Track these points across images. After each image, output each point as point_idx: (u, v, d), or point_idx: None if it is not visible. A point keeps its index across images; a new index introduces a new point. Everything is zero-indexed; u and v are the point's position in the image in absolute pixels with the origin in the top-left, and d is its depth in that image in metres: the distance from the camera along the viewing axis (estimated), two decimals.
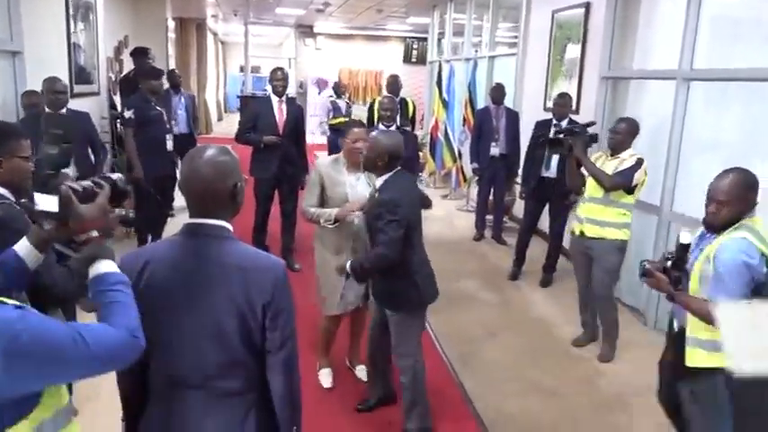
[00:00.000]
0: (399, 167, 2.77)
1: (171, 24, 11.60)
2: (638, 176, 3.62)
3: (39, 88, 4.26)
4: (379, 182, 2.77)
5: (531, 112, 6.18)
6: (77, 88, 5.36)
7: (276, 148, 4.91)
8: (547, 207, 5.14)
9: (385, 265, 2.69)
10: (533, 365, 3.84)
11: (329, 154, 6.70)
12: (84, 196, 1.37)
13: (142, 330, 1.25)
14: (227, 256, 1.48)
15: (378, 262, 2.70)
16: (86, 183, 1.41)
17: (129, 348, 1.22)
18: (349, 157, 3.14)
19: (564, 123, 4.78)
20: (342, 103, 8.64)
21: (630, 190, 3.67)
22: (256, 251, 1.57)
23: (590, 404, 3.44)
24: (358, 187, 3.14)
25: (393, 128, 4.46)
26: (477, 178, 6.52)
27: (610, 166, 3.72)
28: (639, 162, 3.63)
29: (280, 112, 5.00)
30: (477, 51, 7.92)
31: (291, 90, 14.85)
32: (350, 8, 11.38)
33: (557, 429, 3.19)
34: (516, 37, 7.14)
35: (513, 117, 6.12)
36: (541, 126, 5.03)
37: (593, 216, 3.78)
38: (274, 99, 5.02)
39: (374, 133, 2.89)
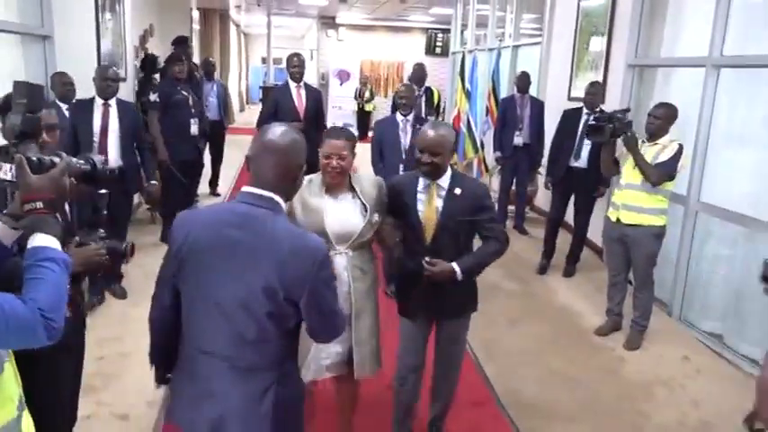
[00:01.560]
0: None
1: (195, 15, 11.67)
2: (680, 164, 3.63)
3: (70, 74, 4.33)
4: (443, 181, 2.44)
5: (555, 102, 6.11)
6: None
7: None
8: (572, 198, 5.06)
9: (504, 249, 2.51)
10: (555, 353, 3.82)
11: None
12: (39, 167, 1.31)
13: (61, 315, 1.18)
14: (276, 231, 1.49)
15: (495, 258, 2.49)
16: (49, 157, 1.36)
17: (32, 329, 1.13)
18: (325, 177, 2.31)
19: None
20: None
21: (672, 177, 3.66)
22: (303, 232, 1.59)
23: (611, 392, 3.42)
24: (340, 214, 2.30)
25: (411, 116, 4.34)
26: (499, 168, 6.46)
27: (650, 153, 3.68)
28: (681, 149, 3.61)
29: (299, 97, 5.07)
30: (500, 41, 7.85)
31: (314, 81, 14.94)
32: None
33: (577, 415, 3.18)
34: (540, 27, 7.07)
35: (538, 106, 6.03)
36: (570, 115, 4.96)
37: (632, 203, 3.73)
38: (292, 85, 5.11)
39: (427, 129, 2.40)
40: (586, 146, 4.71)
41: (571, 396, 3.36)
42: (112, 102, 4.07)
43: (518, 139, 6.03)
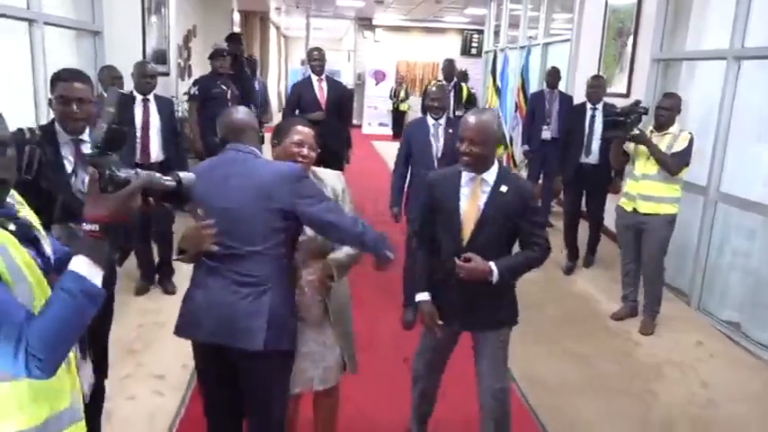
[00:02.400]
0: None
1: (236, 17, 12.08)
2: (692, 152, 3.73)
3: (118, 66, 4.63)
4: (488, 176, 2.24)
5: (584, 98, 6.18)
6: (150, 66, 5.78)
7: (318, 123, 5.06)
8: (584, 193, 5.06)
9: (540, 264, 2.34)
10: (570, 335, 3.94)
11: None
12: (110, 185, 1.19)
13: (55, 357, 1.09)
14: (257, 164, 1.98)
15: (536, 266, 2.31)
16: (126, 172, 1.23)
17: (7, 352, 1.05)
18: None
19: (599, 106, 4.80)
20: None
21: (688, 164, 3.77)
22: (277, 162, 2.07)
23: (623, 372, 3.53)
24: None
25: (443, 120, 3.84)
26: (526, 161, 6.55)
27: (663, 143, 3.76)
28: (692, 138, 3.73)
29: (320, 90, 5.22)
30: (530, 39, 7.96)
31: (350, 82, 15.23)
32: None
33: (586, 391, 3.30)
34: (570, 25, 7.15)
35: (567, 101, 6.06)
36: (576, 111, 5.00)
37: (649, 192, 3.81)
38: (314, 78, 5.26)
39: (468, 116, 2.24)
40: (596, 141, 4.74)
41: (582, 374, 3.48)
42: (151, 97, 4.13)
43: (546, 134, 6.10)
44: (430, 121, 3.86)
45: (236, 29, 12.18)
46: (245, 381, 1.93)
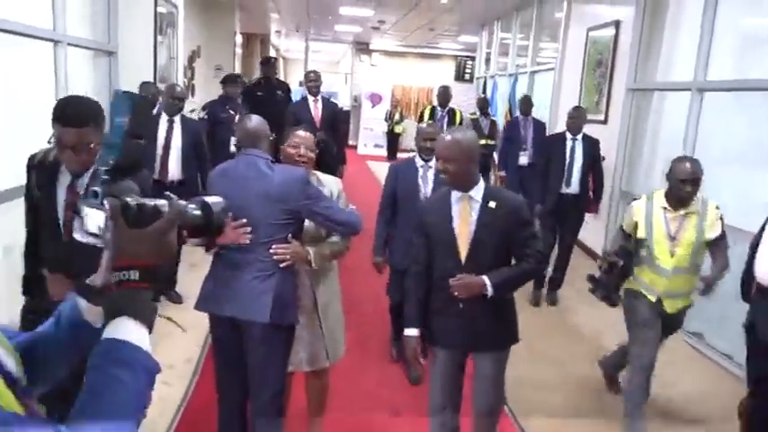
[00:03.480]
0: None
1: (238, 39, 12.53)
2: None
3: (129, 87, 4.94)
4: (475, 193, 2.28)
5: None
6: (160, 85, 6.13)
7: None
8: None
9: (535, 277, 2.50)
10: (545, 341, 4.26)
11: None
12: (139, 218, 0.91)
13: None
14: (269, 169, 2.27)
15: (530, 278, 2.45)
16: (153, 201, 0.94)
17: None
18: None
19: (579, 137, 4.74)
20: (485, 122, 7.24)
21: None
22: (287, 167, 2.34)
23: (591, 372, 3.83)
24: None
25: (434, 162, 3.24)
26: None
27: (688, 226, 2.97)
28: (720, 211, 3.05)
29: (315, 109, 5.56)
30: (517, 67, 8.39)
31: (347, 104, 15.67)
32: (403, 26, 12.06)
33: (557, 388, 3.62)
34: (556, 54, 7.59)
35: (539, 128, 6.34)
36: (556, 141, 4.89)
37: (679, 289, 3.05)
38: (310, 99, 5.60)
39: (443, 135, 2.39)
40: (576, 172, 4.73)
41: (555, 373, 3.80)
42: (177, 118, 4.29)
43: (523, 159, 6.30)
44: (419, 162, 3.45)
45: (238, 50, 12.62)
46: (250, 350, 2.26)
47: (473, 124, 7.22)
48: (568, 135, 4.80)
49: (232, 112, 5.57)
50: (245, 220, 2.18)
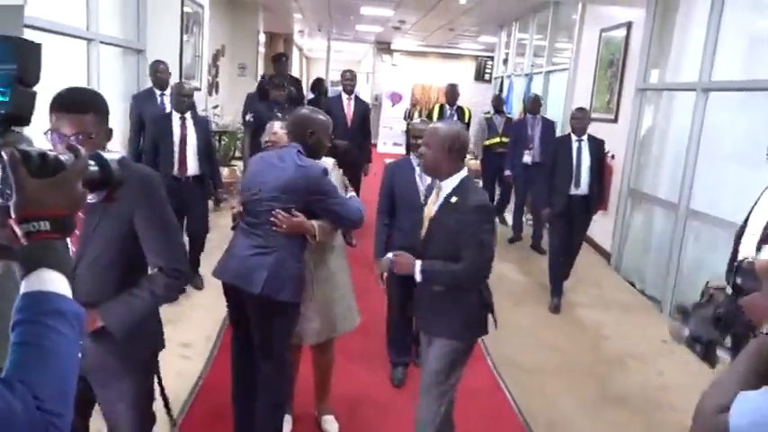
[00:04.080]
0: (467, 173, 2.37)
1: (262, 38, 12.83)
2: None
3: (148, 83, 5.16)
4: (447, 184, 2.33)
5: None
6: (184, 81, 6.41)
7: (342, 135, 5.43)
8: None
9: (469, 286, 2.33)
10: (547, 328, 4.43)
11: (483, 182, 7.10)
12: (42, 168, 0.85)
13: (69, 398, 0.79)
14: (292, 160, 2.44)
15: (464, 281, 2.29)
16: (54, 150, 0.91)
17: (23, 430, 0.72)
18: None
19: (584, 138, 4.74)
20: (499, 120, 7.25)
21: None
22: (312, 163, 2.45)
23: (590, 359, 4.01)
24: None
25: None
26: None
27: None
28: None
29: (348, 107, 5.86)
30: (532, 67, 8.51)
31: (368, 102, 15.90)
32: (424, 26, 12.23)
33: (554, 372, 3.78)
34: (570, 54, 7.71)
35: (548, 126, 6.36)
36: (562, 143, 4.86)
37: None
38: (344, 97, 5.88)
39: (432, 124, 2.53)
40: (584, 173, 4.69)
41: (553, 359, 3.96)
42: (188, 115, 4.35)
43: (527, 158, 6.35)
44: (415, 160, 3.31)
45: (262, 49, 12.92)
46: (251, 318, 2.50)
47: (486, 123, 7.29)
48: (573, 137, 4.75)
49: (279, 116, 5.67)
50: (258, 189, 2.45)
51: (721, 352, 2.54)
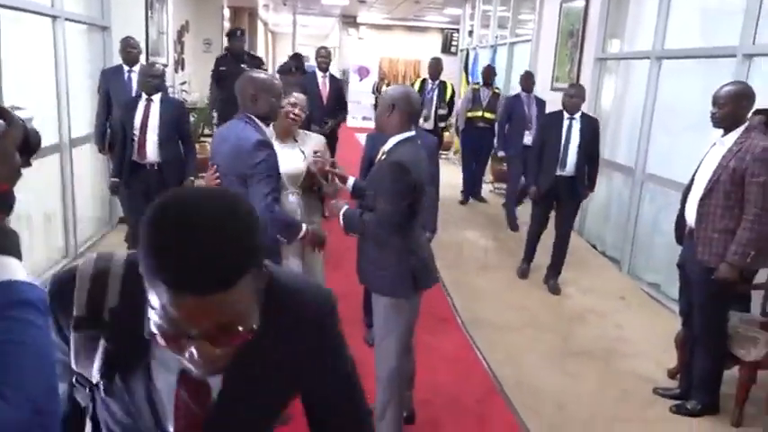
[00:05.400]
0: (414, 133, 2.45)
1: (226, 13, 12.67)
2: None
3: (120, 61, 5.16)
4: (388, 145, 2.44)
5: (542, 94, 6.87)
6: (151, 59, 6.38)
7: (318, 114, 5.41)
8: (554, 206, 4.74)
9: (374, 239, 2.44)
10: (512, 291, 4.66)
11: (463, 157, 7.19)
12: None
13: (57, 393, 0.74)
14: (237, 131, 2.48)
15: (369, 230, 2.42)
16: None
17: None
18: (280, 123, 2.77)
19: (577, 116, 4.47)
20: (486, 93, 7.01)
21: None
22: (254, 131, 2.44)
23: (552, 316, 4.26)
24: (289, 159, 2.74)
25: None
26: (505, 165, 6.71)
27: None
28: None
29: (323, 85, 5.77)
30: (497, 39, 8.65)
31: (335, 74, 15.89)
32: None
33: (519, 329, 4.02)
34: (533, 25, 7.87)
35: (541, 106, 6.12)
36: (552, 121, 4.65)
37: None
38: (319, 74, 5.80)
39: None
40: (572, 153, 4.48)
41: (517, 317, 4.20)
42: (155, 98, 4.07)
43: (528, 139, 5.97)
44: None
45: (227, 24, 12.77)
46: None
47: (472, 95, 7.03)
48: (565, 114, 4.51)
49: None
50: (215, 167, 2.55)
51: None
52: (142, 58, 5.20)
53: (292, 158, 2.78)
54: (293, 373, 0.94)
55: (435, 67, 6.79)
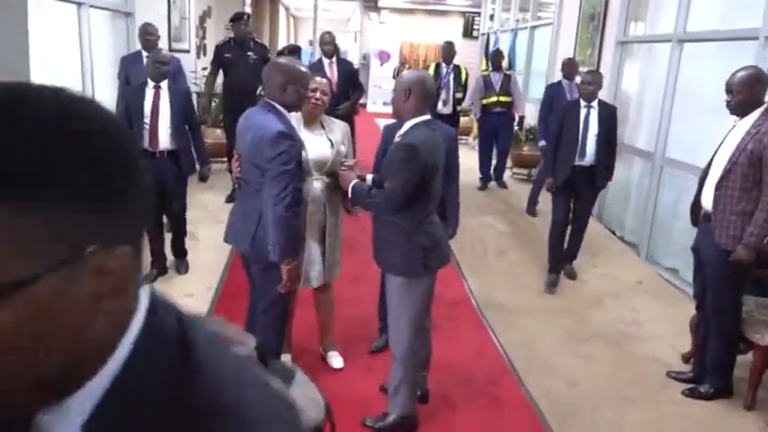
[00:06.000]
0: (430, 117, 2.51)
1: None
2: None
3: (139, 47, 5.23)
4: (404, 128, 2.49)
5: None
6: (174, 45, 6.48)
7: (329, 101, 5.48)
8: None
9: (379, 213, 2.55)
10: (528, 274, 4.68)
11: (480, 141, 7.17)
12: None
13: None
14: (258, 118, 2.51)
15: (374, 207, 2.53)
16: None
17: None
18: (306, 110, 2.79)
19: (594, 104, 4.34)
20: (497, 77, 6.91)
21: None
22: (276, 120, 2.45)
23: (567, 300, 4.28)
24: (316, 145, 2.78)
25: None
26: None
27: None
28: None
29: (331, 71, 5.64)
30: (518, 22, 8.57)
31: (356, 61, 15.87)
32: None
33: (533, 313, 4.05)
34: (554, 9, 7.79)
35: None
36: (569, 109, 4.50)
37: None
38: (325, 61, 5.73)
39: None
40: (590, 142, 4.33)
41: (532, 301, 4.23)
42: (164, 84, 3.98)
43: None
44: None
45: (248, 9, 12.83)
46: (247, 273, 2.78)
47: (483, 81, 6.92)
48: (582, 102, 4.37)
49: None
50: (239, 157, 2.64)
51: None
52: (165, 44, 5.27)
53: (319, 145, 2.81)
54: None
55: (449, 50, 6.78)
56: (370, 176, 2.72)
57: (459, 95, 6.86)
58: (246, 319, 2.97)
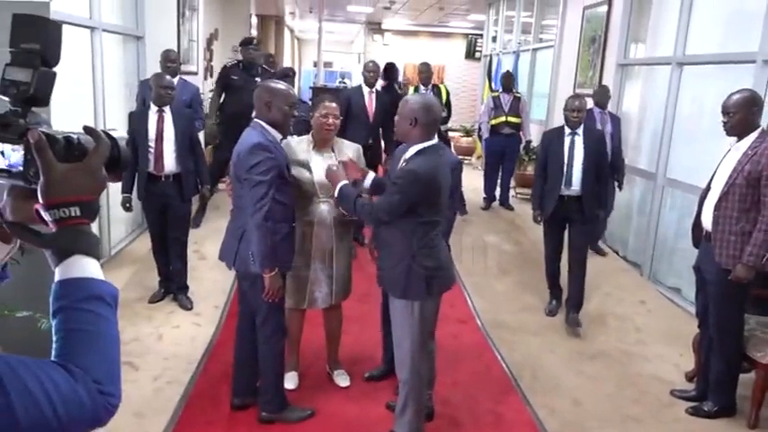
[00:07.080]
0: (436, 142, 2.55)
1: (254, 21, 12.94)
2: None
3: (155, 68, 5.37)
4: (409, 153, 2.53)
5: (563, 99, 6.89)
6: (182, 67, 6.58)
7: (363, 132, 5.15)
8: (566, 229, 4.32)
9: (362, 221, 2.72)
10: (532, 294, 4.71)
11: (486, 162, 7.19)
12: (67, 151, 0.84)
13: (119, 379, 0.81)
14: (245, 134, 2.66)
15: (360, 213, 2.54)
16: (73, 132, 0.88)
17: (90, 418, 0.75)
18: (317, 134, 2.89)
19: (579, 131, 4.13)
20: (506, 99, 6.92)
21: None
22: (258, 135, 2.59)
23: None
24: (323, 168, 2.74)
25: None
26: None
27: None
28: None
29: (370, 101, 5.41)
30: (519, 44, 8.70)
31: (359, 82, 16.04)
32: (414, 5, 12.38)
33: (537, 332, 4.08)
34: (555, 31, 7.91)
35: (616, 123, 5.46)
36: (553, 137, 4.30)
37: None
38: (365, 89, 5.43)
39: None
40: (576, 171, 4.12)
41: (537, 320, 4.26)
42: (167, 109, 4.00)
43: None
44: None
45: (254, 32, 13.03)
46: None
47: (493, 102, 6.96)
48: (566, 129, 4.17)
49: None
50: (227, 179, 2.79)
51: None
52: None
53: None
54: None
55: (426, 72, 6.55)
56: (371, 175, 2.72)
57: (443, 115, 6.83)
58: (235, 341, 3.02)
